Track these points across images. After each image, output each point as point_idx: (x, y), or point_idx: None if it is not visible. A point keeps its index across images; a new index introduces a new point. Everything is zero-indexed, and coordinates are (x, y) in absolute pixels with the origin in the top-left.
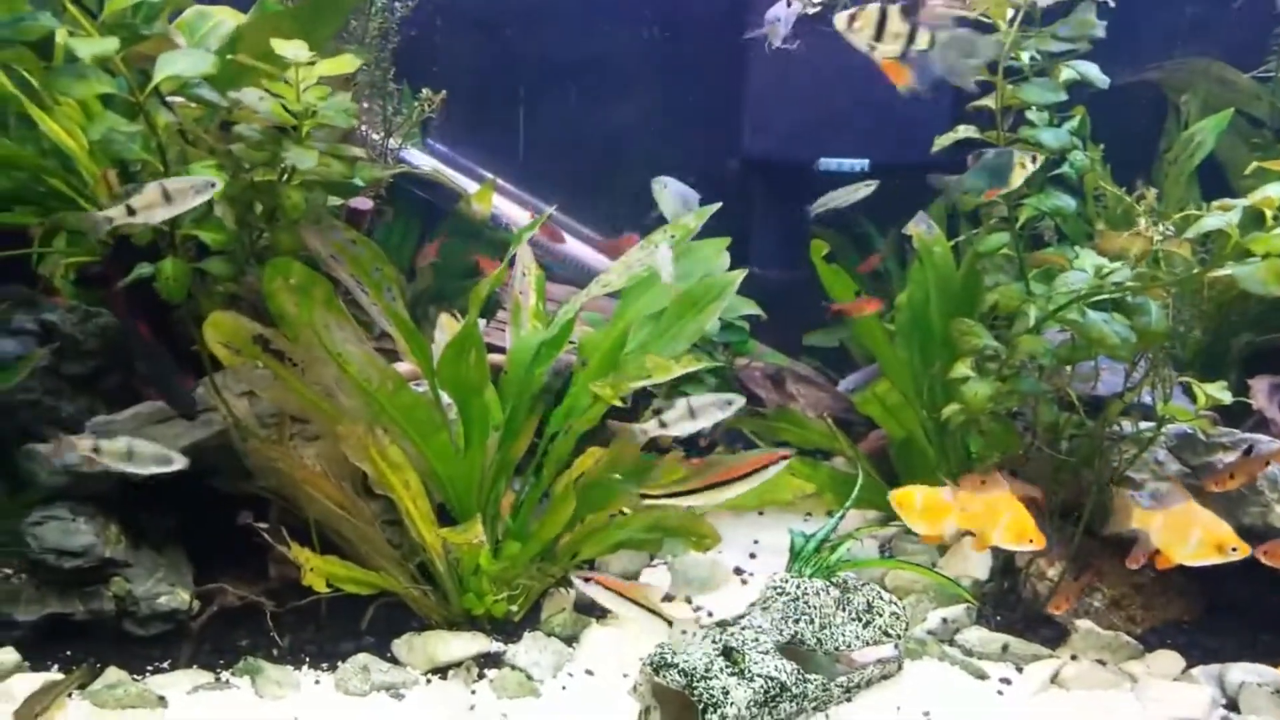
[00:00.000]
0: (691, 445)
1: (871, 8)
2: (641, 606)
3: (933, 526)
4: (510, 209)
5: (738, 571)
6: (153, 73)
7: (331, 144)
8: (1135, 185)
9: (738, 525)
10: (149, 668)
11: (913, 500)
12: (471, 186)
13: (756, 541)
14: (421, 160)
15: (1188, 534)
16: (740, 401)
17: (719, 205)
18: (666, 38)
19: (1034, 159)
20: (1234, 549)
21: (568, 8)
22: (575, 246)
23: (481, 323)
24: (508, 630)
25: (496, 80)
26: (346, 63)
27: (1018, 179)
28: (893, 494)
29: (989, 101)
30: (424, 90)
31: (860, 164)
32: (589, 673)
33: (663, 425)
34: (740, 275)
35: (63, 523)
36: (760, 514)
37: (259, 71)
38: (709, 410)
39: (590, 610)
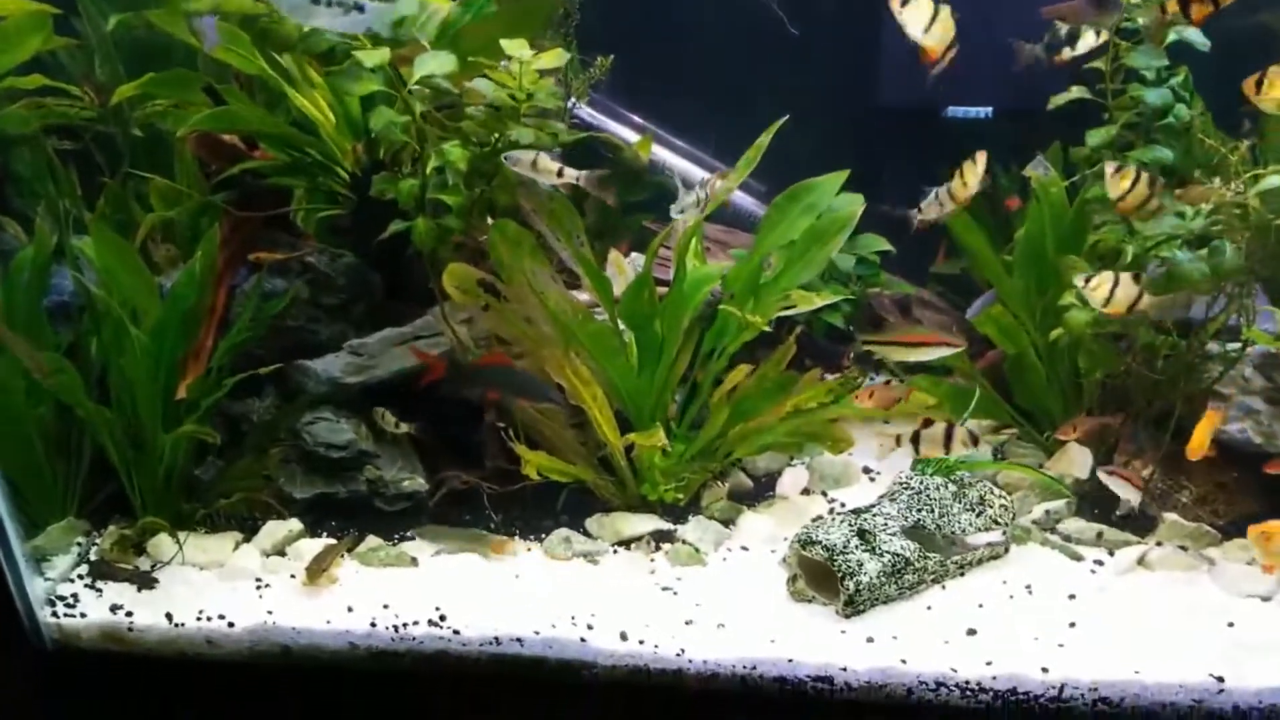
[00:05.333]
0: (831, 365)
1: None
2: None
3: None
4: (668, 156)
5: (866, 471)
6: (407, 71)
7: (539, 119)
8: (1245, 131)
9: (866, 431)
10: (396, 536)
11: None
12: (632, 137)
13: (882, 446)
14: (590, 116)
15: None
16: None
17: (847, 171)
18: None
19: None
20: None
21: None
22: (738, 194)
23: (642, 258)
24: (675, 514)
25: (650, 43)
26: (557, 56)
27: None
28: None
29: (1100, 64)
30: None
31: (985, 111)
32: (744, 548)
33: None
34: (860, 207)
35: (329, 423)
36: (885, 422)
37: (481, 63)
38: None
39: (742, 499)
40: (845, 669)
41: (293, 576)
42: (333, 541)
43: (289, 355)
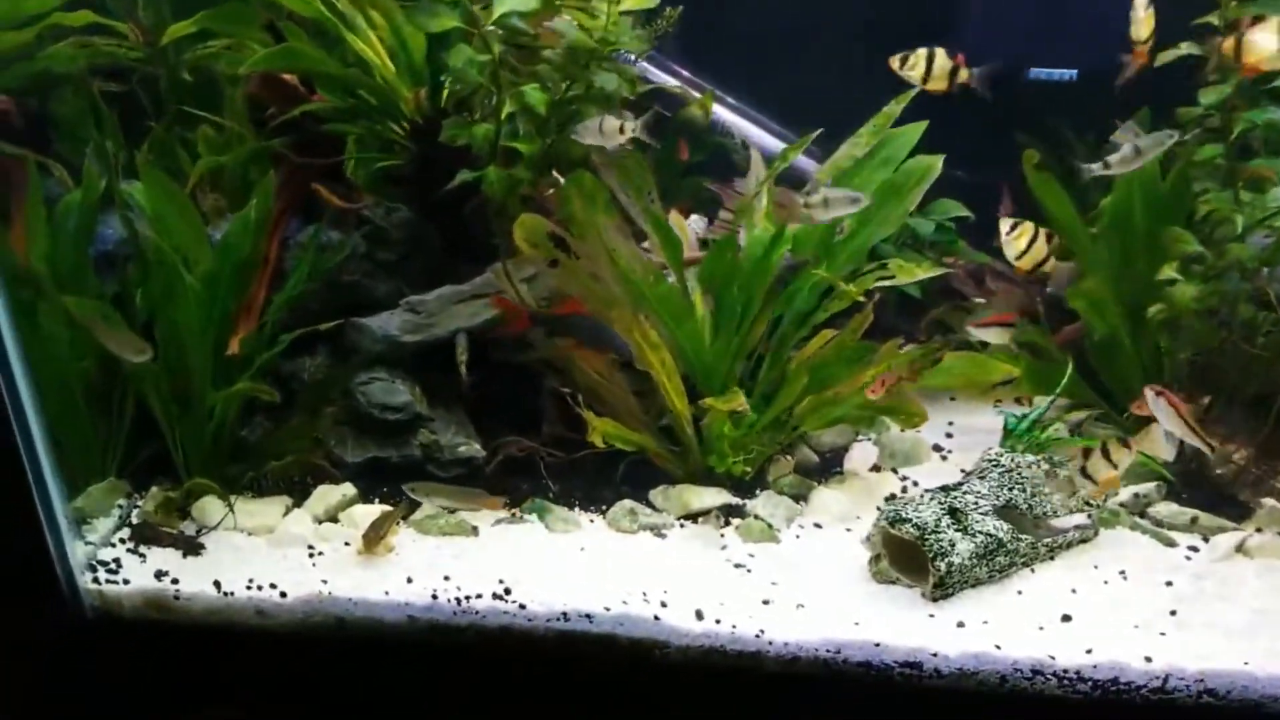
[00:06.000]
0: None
1: None
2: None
3: None
4: (728, 115)
5: (936, 449)
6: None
7: (619, 65)
8: None
9: (933, 408)
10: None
11: None
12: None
13: (951, 423)
14: (653, 73)
15: None
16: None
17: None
18: None
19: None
20: None
21: None
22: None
23: (704, 221)
24: (741, 488)
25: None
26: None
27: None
28: None
29: (1213, 18)
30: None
31: (1069, 74)
32: (817, 525)
33: None
34: (939, 162)
35: (385, 383)
36: (952, 399)
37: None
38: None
39: (812, 474)
40: (935, 654)
41: (346, 544)
42: (388, 508)
43: (343, 312)
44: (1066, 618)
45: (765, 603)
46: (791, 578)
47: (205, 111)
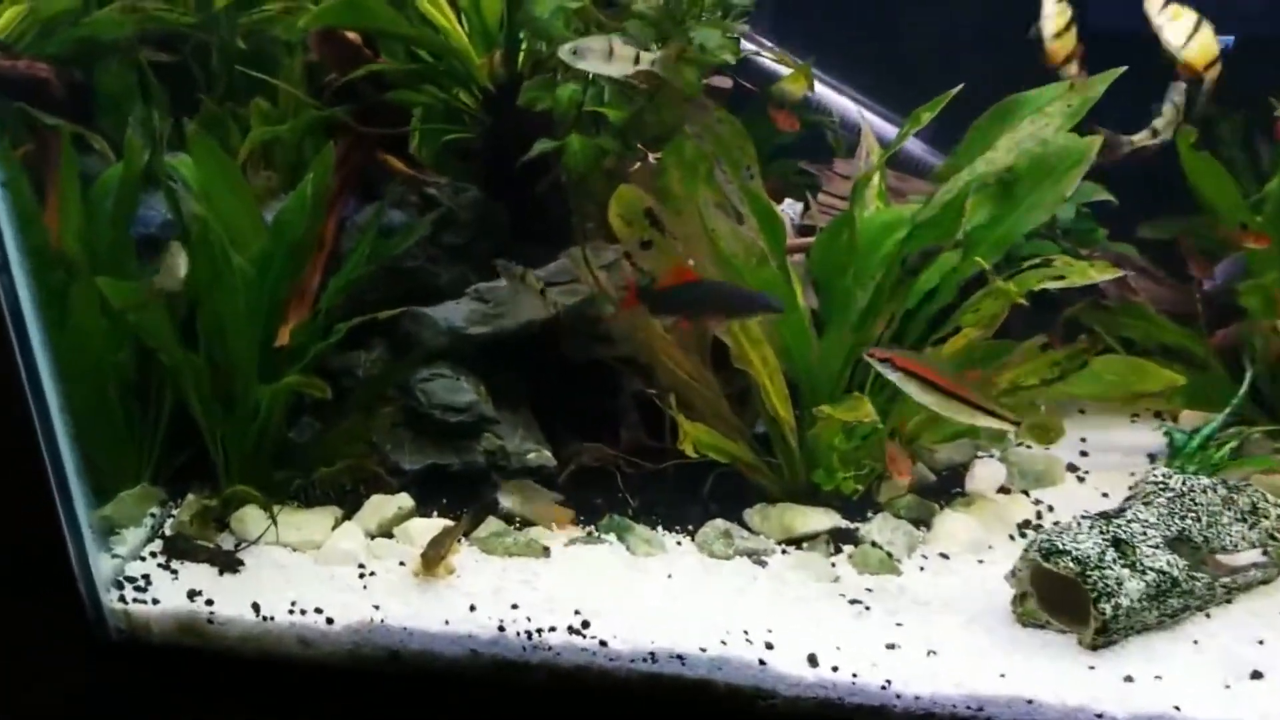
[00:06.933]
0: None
1: None
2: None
3: None
4: (825, 92)
5: (1071, 469)
6: None
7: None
8: None
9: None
10: (518, 518)
11: None
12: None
13: (1084, 439)
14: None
15: None
16: None
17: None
18: None
19: None
20: None
21: None
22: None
23: (798, 206)
24: (849, 509)
25: None
26: None
27: None
28: None
29: None
30: None
31: (1225, 41)
32: (943, 556)
33: None
34: (1096, 139)
35: (448, 380)
36: (1081, 411)
37: None
38: None
39: (933, 494)
40: (1100, 715)
41: (401, 564)
42: (449, 523)
43: (402, 301)
44: (1257, 674)
45: (890, 647)
46: (919, 617)
47: (260, 84)
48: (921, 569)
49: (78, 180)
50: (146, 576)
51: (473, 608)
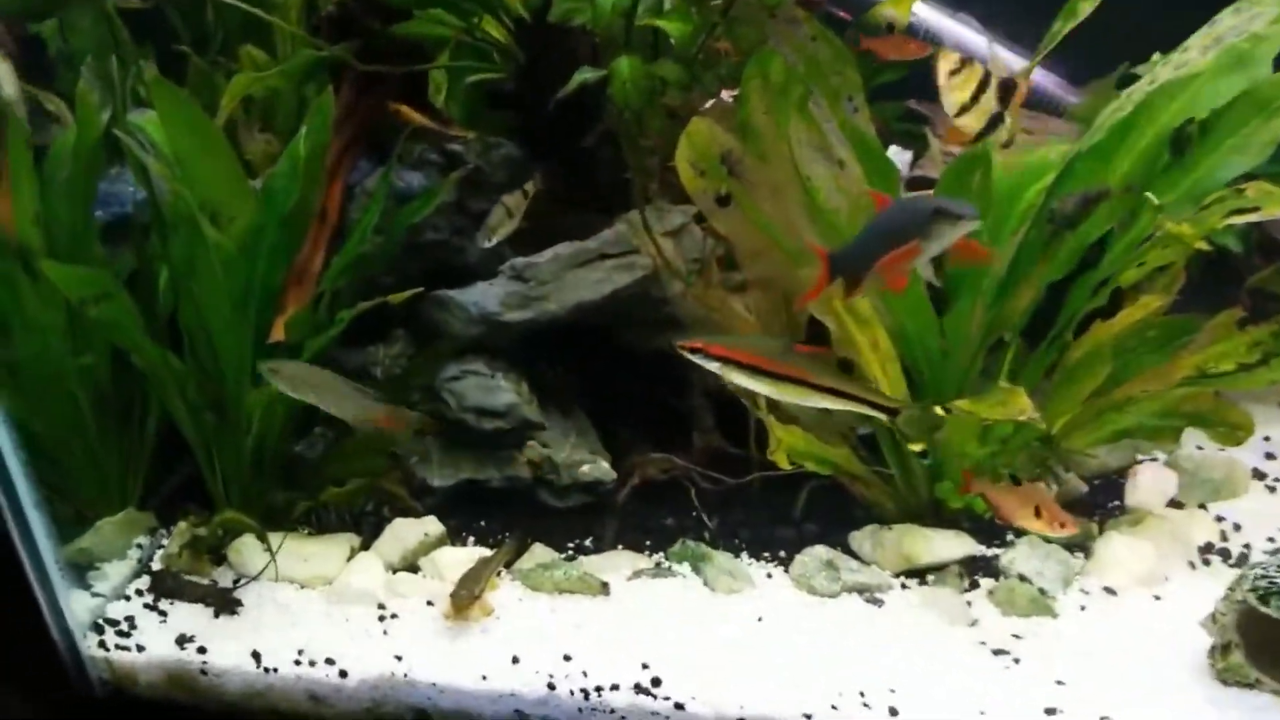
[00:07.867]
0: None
1: None
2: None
3: None
4: (928, 14)
5: (1258, 475)
6: None
7: None
8: None
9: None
10: (569, 545)
11: None
12: None
13: (1268, 439)
14: None
15: None
16: None
17: None
18: None
19: None
20: None
21: None
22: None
23: (907, 155)
24: (985, 531)
25: None
26: None
27: None
28: None
29: None
30: None
31: None
32: (1109, 590)
33: None
34: None
35: (482, 379)
36: None
37: None
38: None
39: (1086, 509)
40: None
41: (429, 604)
42: (485, 552)
43: (425, 282)
44: None
45: (1049, 713)
46: (1084, 673)
47: (252, 36)
48: (1082, 608)
49: (27, 152)
50: (130, 618)
51: (515, 659)
